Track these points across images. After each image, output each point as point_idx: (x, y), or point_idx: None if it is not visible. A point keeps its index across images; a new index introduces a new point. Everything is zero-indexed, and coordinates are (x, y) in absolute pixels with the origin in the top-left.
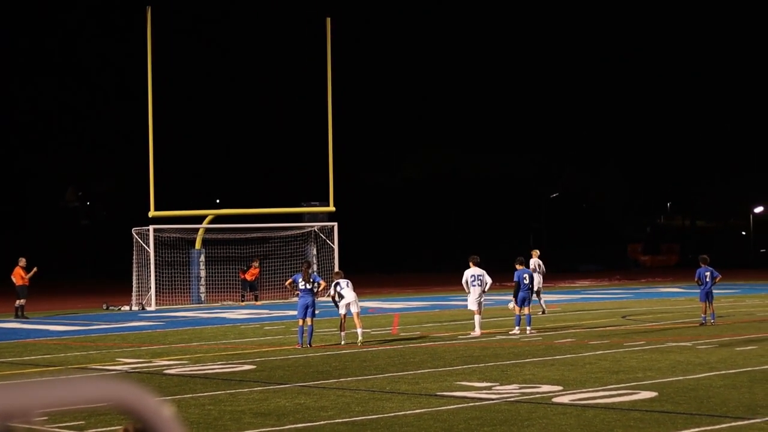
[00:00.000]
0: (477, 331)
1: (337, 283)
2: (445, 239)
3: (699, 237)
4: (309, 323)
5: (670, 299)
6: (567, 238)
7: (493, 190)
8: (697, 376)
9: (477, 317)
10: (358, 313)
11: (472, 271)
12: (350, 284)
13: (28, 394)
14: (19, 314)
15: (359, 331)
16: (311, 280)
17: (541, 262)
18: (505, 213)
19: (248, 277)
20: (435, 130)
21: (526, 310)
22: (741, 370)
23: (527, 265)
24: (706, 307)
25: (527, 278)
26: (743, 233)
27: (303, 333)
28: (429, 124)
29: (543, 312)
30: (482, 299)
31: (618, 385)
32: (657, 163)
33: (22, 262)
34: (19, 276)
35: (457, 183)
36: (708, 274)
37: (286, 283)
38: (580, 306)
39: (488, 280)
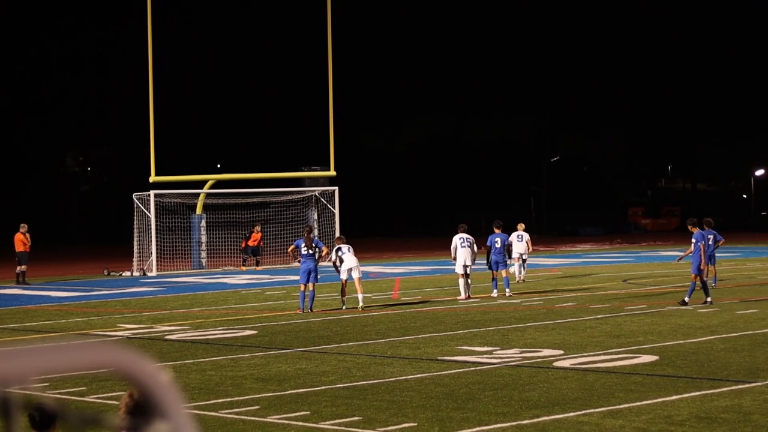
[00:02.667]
0: (462, 295)
1: (339, 248)
2: (446, 203)
3: (700, 200)
4: (311, 288)
5: (671, 263)
6: (567, 202)
7: (493, 153)
8: (698, 339)
9: (461, 281)
10: (359, 279)
11: (460, 235)
12: (351, 249)
13: (26, 360)
14: (21, 280)
15: (360, 296)
16: (313, 245)
17: (525, 234)
18: (505, 177)
19: (250, 242)
20: (435, 93)
21: (504, 273)
22: (742, 333)
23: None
24: (708, 270)
25: (499, 242)
26: (744, 196)
27: (305, 298)
28: (429, 87)
29: (519, 281)
30: (470, 263)
31: (619, 349)
32: (658, 126)
33: (23, 228)
34: (20, 242)
35: (456, 147)
36: (711, 237)
37: (289, 249)
38: (580, 270)
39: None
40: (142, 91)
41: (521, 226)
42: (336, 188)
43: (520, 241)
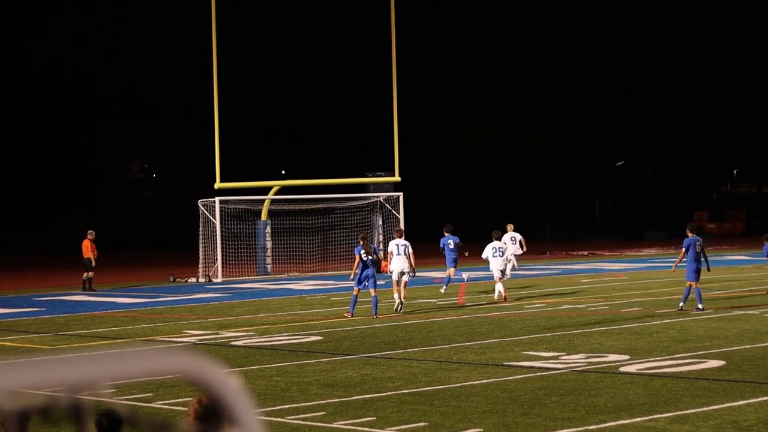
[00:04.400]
0: (495, 296)
1: (390, 244)
2: (508, 208)
3: (766, 204)
4: (373, 294)
5: (737, 267)
6: (631, 206)
7: (554, 157)
8: (765, 344)
9: (497, 284)
10: (405, 282)
11: (493, 244)
12: (408, 248)
13: (96, 367)
14: (87, 287)
15: (397, 296)
16: (372, 251)
17: (517, 235)
18: (568, 181)
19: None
20: (495, 98)
21: (450, 271)
22: None
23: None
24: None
25: (451, 243)
26: None
27: (356, 303)
28: (490, 92)
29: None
30: (505, 267)
31: (685, 353)
32: (722, 129)
33: (91, 234)
34: (87, 248)
35: (518, 151)
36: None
37: (355, 265)
38: (646, 275)
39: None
40: (207, 97)
41: (510, 226)
42: (401, 194)
43: (513, 243)
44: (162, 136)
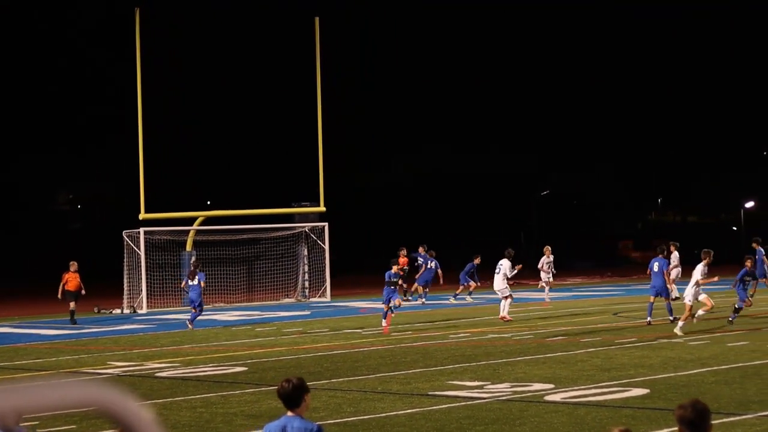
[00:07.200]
0: (500, 314)
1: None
2: (436, 238)
3: (690, 233)
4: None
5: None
6: (558, 236)
7: (482, 188)
8: (689, 372)
9: (501, 302)
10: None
11: (500, 262)
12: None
13: (8, 398)
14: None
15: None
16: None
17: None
18: (496, 211)
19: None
20: (424, 129)
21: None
22: (732, 365)
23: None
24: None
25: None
26: (734, 228)
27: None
28: (418, 123)
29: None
30: (504, 286)
31: (610, 382)
32: (648, 159)
33: (74, 266)
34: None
35: (447, 182)
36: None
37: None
38: (572, 303)
39: (506, 270)
40: (132, 129)
41: (547, 249)
42: (326, 224)
43: (548, 269)
44: (87, 168)
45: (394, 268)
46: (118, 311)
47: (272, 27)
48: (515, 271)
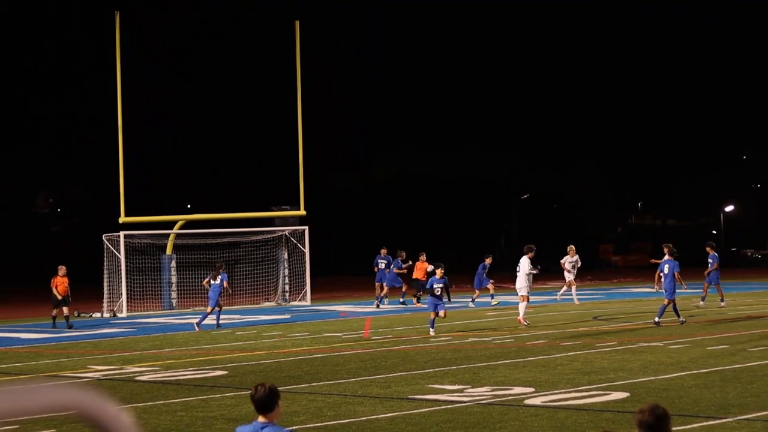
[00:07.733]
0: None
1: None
2: (417, 241)
3: (670, 236)
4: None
5: (642, 299)
6: (538, 239)
7: (463, 191)
8: (669, 376)
9: (520, 304)
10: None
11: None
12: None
13: None
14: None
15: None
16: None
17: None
18: (476, 213)
19: (416, 274)
20: (404, 131)
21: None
22: (712, 369)
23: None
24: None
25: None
26: (714, 232)
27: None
28: (397, 125)
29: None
30: (524, 285)
31: (590, 386)
32: (627, 162)
33: (62, 270)
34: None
35: (426, 184)
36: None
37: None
38: (552, 307)
39: (525, 268)
40: (112, 132)
41: (571, 248)
42: (306, 227)
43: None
44: (68, 171)
45: (438, 272)
46: (98, 315)
47: (252, 31)
48: (536, 271)
